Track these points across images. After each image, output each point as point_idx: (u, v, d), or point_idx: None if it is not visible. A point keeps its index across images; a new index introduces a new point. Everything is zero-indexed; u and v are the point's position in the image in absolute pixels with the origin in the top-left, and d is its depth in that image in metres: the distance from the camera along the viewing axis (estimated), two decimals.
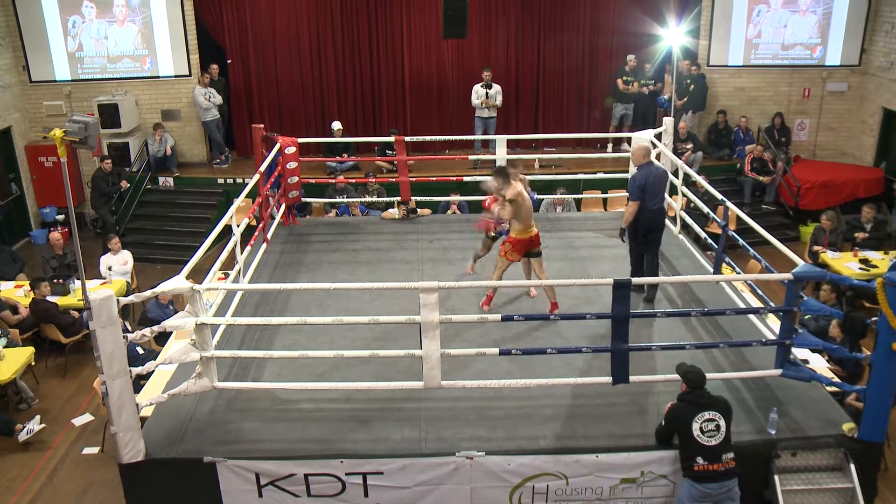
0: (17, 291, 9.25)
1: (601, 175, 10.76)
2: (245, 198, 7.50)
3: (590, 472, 5.23)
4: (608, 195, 11.12)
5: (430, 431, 5.41)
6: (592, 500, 5.32)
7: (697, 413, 4.94)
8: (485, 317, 6.08)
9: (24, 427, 7.41)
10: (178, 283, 5.25)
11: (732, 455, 4.95)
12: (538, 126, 13.76)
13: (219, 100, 12.84)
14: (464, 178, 9.99)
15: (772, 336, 6.08)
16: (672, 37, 11.01)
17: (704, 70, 13.26)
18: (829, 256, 9.74)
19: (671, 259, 8.15)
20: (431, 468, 5.21)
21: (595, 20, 13.44)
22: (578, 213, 10.48)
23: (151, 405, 5.48)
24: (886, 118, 12.85)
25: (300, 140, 9.27)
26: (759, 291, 6.80)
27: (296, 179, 9.20)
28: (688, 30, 11.99)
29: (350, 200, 10.88)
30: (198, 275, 6.17)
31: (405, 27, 13.29)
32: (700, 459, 4.92)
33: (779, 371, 5.56)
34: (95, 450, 7.34)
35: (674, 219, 8.71)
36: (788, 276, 5.35)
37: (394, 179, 10.19)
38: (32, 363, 8.10)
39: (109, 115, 12.44)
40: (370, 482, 5.22)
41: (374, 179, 11.52)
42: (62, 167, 5.02)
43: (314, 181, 10.73)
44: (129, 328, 7.64)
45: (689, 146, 12.39)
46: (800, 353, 6.33)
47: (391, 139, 9.86)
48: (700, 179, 8.33)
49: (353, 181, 11.77)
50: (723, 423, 4.94)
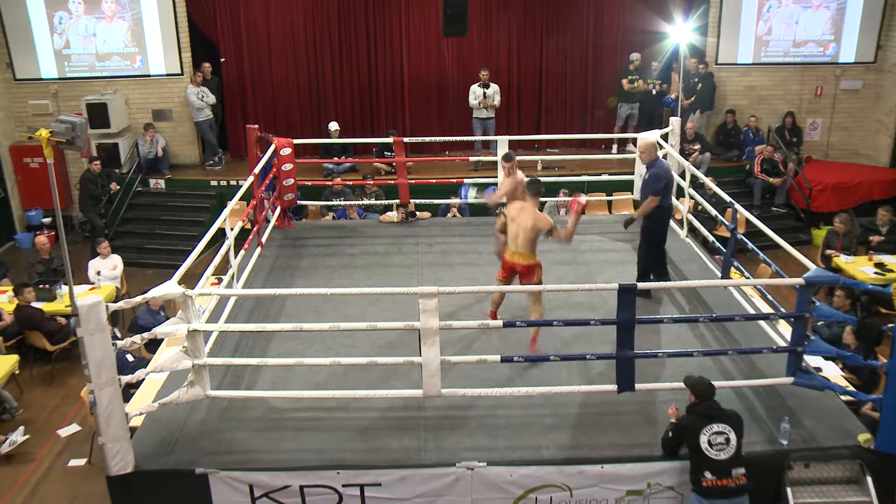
0: (1, 297, 9.07)
1: (606, 177, 10.64)
2: (239, 200, 7.40)
3: (594, 484, 5.16)
4: (613, 197, 11.02)
5: (430, 441, 5.34)
6: None
7: (705, 425, 4.84)
8: (486, 323, 5.99)
9: (7, 438, 7.25)
10: (170, 289, 5.20)
11: (743, 471, 4.83)
12: (541, 127, 13.63)
13: (212, 99, 12.66)
14: (464, 181, 9.86)
15: (783, 343, 5.98)
16: (679, 34, 10.91)
17: (713, 68, 13.10)
18: (843, 260, 9.54)
19: (678, 263, 8.05)
20: (431, 479, 5.15)
21: (599, 18, 13.32)
22: (582, 216, 10.33)
23: (141, 415, 5.42)
24: None
25: (296, 141, 9.18)
26: (770, 297, 6.68)
27: (291, 181, 9.11)
28: (695, 27, 11.83)
29: (347, 203, 10.80)
30: (190, 280, 6.07)
31: (404, 24, 13.16)
32: (708, 474, 4.81)
33: (791, 379, 5.48)
34: (82, 461, 7.17)
35: (681, 222, 8.63)
36: (800, 281, 5.30)
37: (392, 181, 10.15)
38: (16, 372, 7.93)
39: (98, 115, 12.21)
40: (368, 494, 5.16)
41: (372, 181, 11.47)
42: (49, 168, 5.01)
43: (310, 183, 10.58)
44: (119, 335, 7.52)
45: (697, 147, 12.27)
46: (812, 361, 6.24)
47: (390, 140, 9.75)
48: (708, 181, 8.24)
49: (351, 183, 11.67)
50: (733, 437, 4.82)
